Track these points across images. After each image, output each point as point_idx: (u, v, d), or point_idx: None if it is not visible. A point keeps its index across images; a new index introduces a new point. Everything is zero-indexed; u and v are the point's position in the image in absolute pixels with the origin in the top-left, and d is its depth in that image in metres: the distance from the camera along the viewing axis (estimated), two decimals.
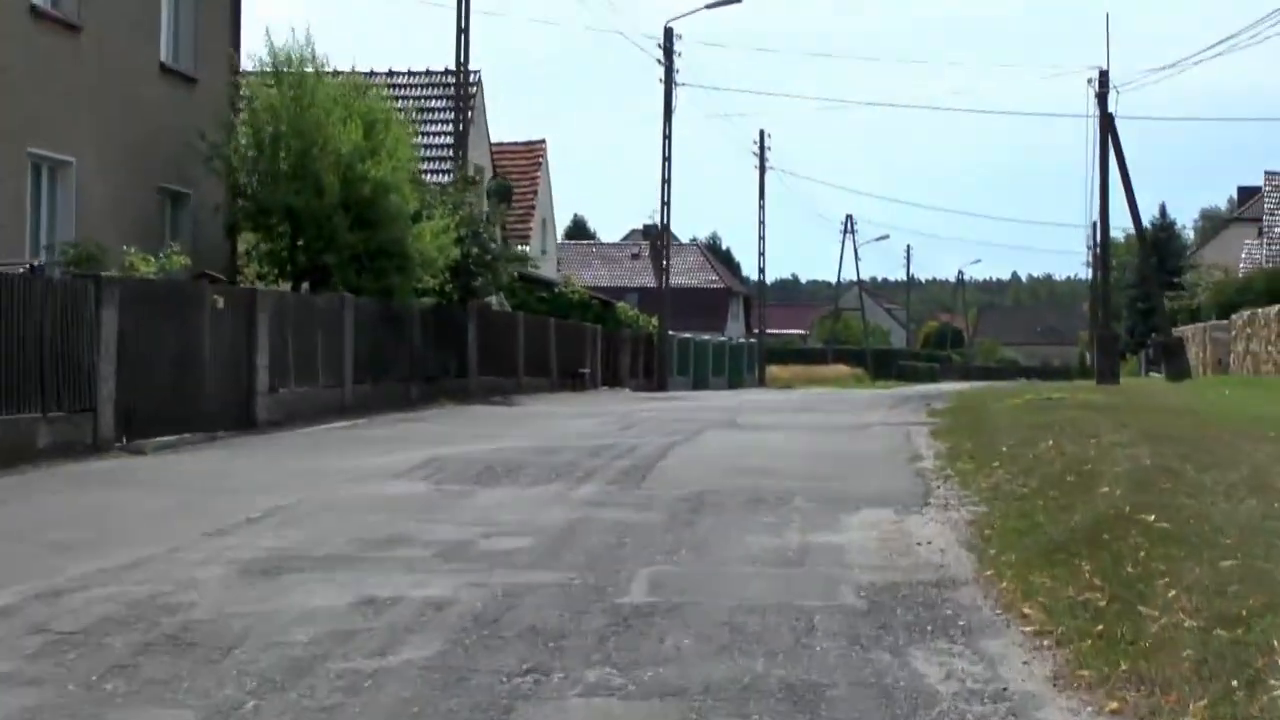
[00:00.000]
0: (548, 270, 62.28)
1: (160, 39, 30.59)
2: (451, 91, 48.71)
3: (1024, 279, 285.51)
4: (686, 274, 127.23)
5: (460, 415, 30.15)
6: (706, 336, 70.83)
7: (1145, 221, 53.58)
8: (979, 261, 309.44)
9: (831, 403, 35.52)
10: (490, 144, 51.13)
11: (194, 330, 23.75)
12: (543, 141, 63.67)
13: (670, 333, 63.69)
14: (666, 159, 59.01)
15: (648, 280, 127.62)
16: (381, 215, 31.70)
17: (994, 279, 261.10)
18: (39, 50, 25.42)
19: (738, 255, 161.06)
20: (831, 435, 23.15)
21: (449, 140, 47.12)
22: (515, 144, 63.74)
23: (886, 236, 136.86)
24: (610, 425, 25.79)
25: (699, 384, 66.13)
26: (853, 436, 22.71)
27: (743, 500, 14.13)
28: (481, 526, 12.65)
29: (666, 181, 59.04)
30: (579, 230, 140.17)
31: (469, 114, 47.86)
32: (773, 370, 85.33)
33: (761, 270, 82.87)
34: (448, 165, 44.89)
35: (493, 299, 48.38)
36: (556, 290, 55.47)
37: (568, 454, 19.40)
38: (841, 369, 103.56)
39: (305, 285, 32.50)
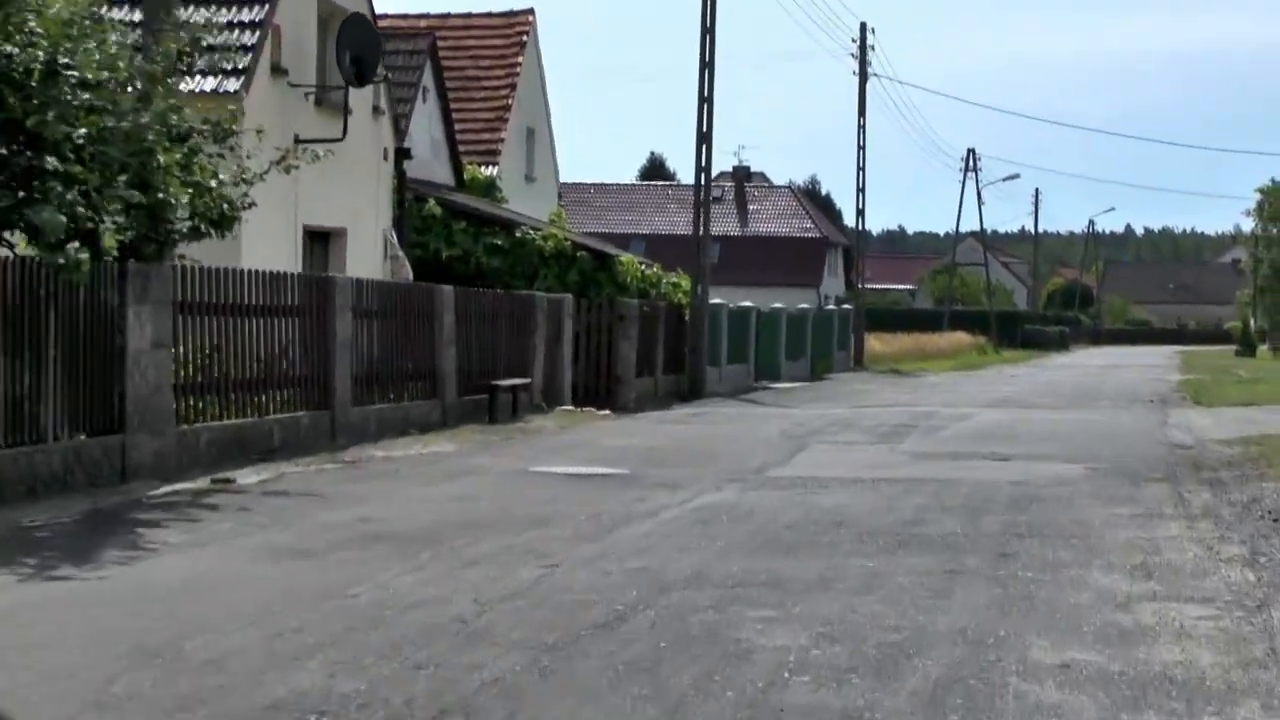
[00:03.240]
0: (535, 204, 39.00)
1: None
2: None
3: (1140, 232, 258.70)
4: (776, 220, 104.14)
5: None
6: (779, 304, 47.16)
7: None
8: (1112, 210, 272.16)
9: (980, 485, 12.33)
10: None
11: None
12: (529, 12, 40.18)
13: (718, 301, 40.14)
14: (708, 30, 35.39)
15: (731, 228, 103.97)
16: None
17: (1107, 231, 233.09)
18: None
19: (839, 202, 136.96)
20: None
21: None
22: (487, 14, 40.41)
23: (1017, 176, 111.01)
24: None
25: (765, 373, 42.68)
26: None
27: None
28: None
29: (708, 65, 35.40)
30: (656, 170, 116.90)
31: None
32: (873, 344, 61.41)
33: (860, 211, 58.46)
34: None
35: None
36: (521, 234, 32.14)
37: None
38: (960, 338, 79.63)
39: None
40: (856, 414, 27.26)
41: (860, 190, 56.68)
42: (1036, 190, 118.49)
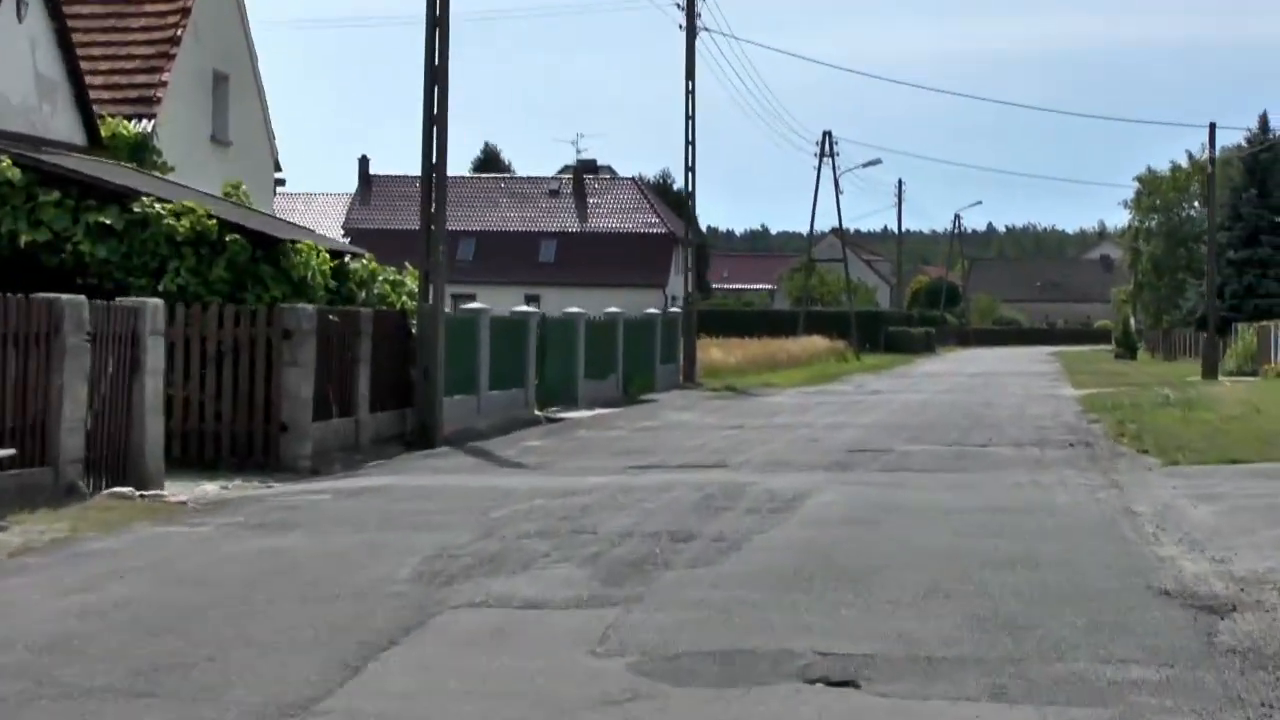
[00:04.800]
0: (229, 175, 27.78)
1: None
2: None
3: (1001, 230, 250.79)
4: (619, 215, 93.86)
5: None
6: (576, 309, 36.32)
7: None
8: (979, 204, 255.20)
9: None
10: None
11: None
12: None
13: (477, 305, 29.20)
14: None
15: (570, 223, 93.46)
16: None
17: (970, 229, 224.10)
18: None
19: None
20: None
21: None
22: None
23: (879, 161, 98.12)
24: None
25: (560, 397, 32.01)
26: None
27: None
28: None
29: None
30: (490, 162, 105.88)
31: None
32: (714, 353, 50.80)
33: (690, 193, 47.29)
34: None
35: None
36: (141, 211, 20.99)
37: None
38: (816, 342, 69.44)
39: None
40: (623, 487, 16.39)
41: (690, 169, 45.69)
42: (900, 181, 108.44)
